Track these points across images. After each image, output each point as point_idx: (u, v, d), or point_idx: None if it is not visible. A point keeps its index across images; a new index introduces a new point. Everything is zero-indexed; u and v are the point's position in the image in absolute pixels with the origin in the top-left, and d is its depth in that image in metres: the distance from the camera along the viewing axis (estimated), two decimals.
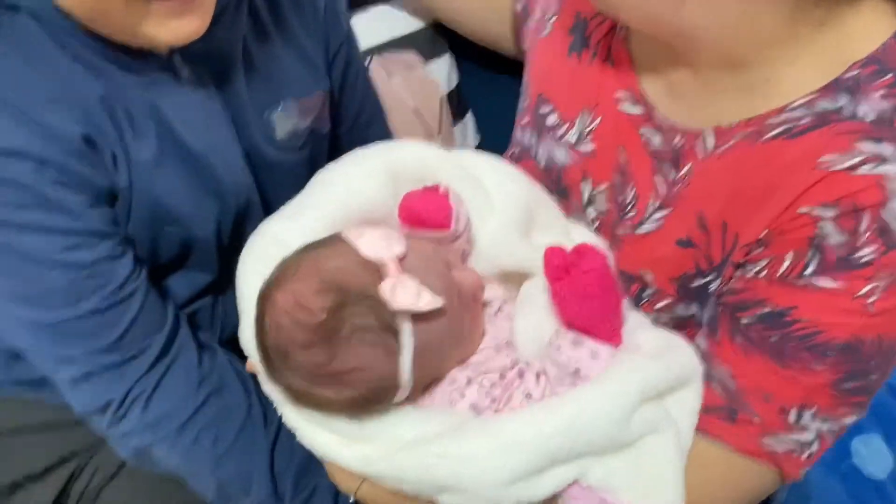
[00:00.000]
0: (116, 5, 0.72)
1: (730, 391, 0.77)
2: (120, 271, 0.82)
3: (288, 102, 0.93)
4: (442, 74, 1.33)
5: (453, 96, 1.35)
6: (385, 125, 1.14)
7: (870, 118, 0.71)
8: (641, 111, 0.87)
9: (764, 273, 0.76)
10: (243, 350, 0.77)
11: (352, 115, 1.06)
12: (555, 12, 0.99)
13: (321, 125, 0.99)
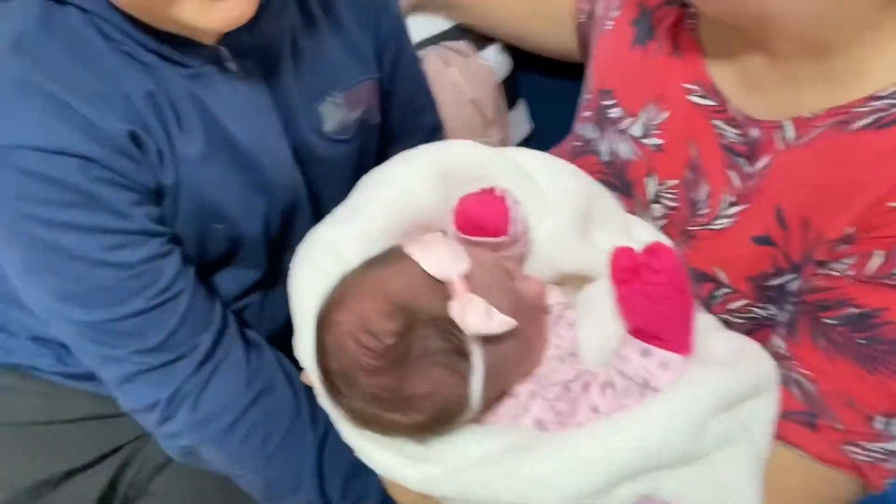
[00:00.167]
0: None
1: (810, 396, 0.74)
2: (167, 270, 0.80)
3: (337, 93, 0.90)
4: (495, 62, 1.31)
5: (507, 84, 1.33)
6: (436, 113, 1.11)
7: None
8: (713, 103, 0.83)
9: (850, 272, 0.72)
10: (297, 358, 0.75)
11: (403, 104, 1.03)
12: (618, 6, 0.96)
13: (371, 116, 0.96)
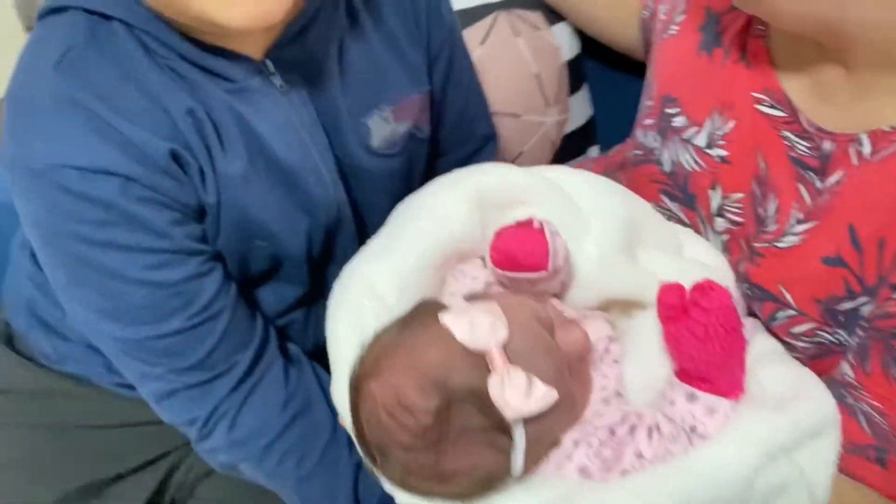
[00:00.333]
0: None
1: (879, 429, 0.70)
2: (207, 289, 0.80)
3: (385, 107, 0.88)
4: (564, 40, 1.25)
5: (572, 66, 1.27)
6: (489, 121, 1.08)
7: None
8: (783, 113, 0.79)
9: None
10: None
11: (455, 116, 1.00)
12: (682, 10, 0.92)
13: (420, 129, 0.94)
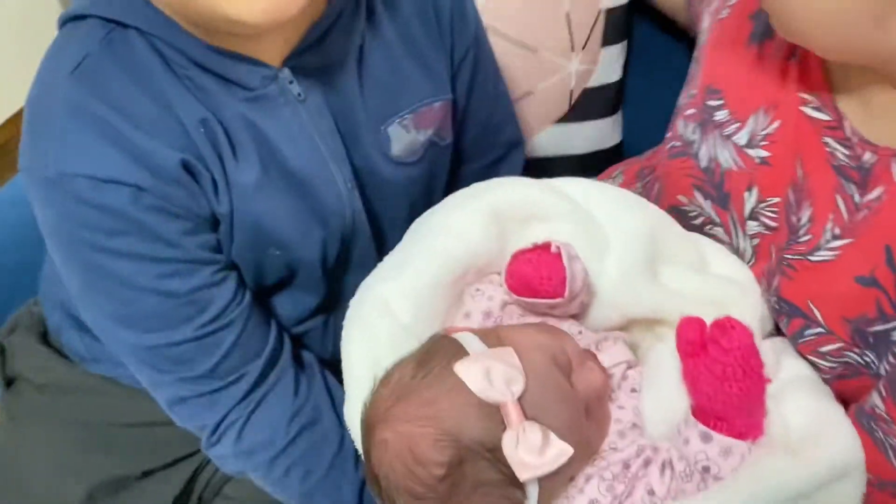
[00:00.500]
0: None
1: None
2: (218, 300, 0.80)
3: (406, 114, 0.86)
4: None
5: (613, 16, 1.17)
6: (516, 127, 1.05)
7: None
8: (828, 118, 0.75)
9: None
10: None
11: (480, 123, 0.98)
12: None
13: (442, 137, 0.92)
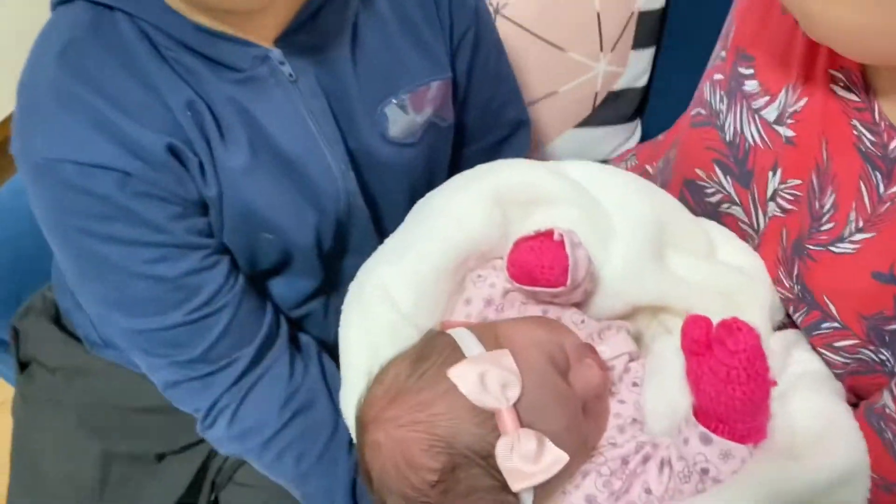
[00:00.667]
0: None
1: None
2: (209, 284, 0.79)
3: (402, 94, 0.84)
4: None
5: (647, 18, 1.14)
6: (521, 105, 1.02)
7: None
8: (857, 98, 0.70)
9: None
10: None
11: (482, 103, 0.96)
12: None
13: (443, 118, 0.90)
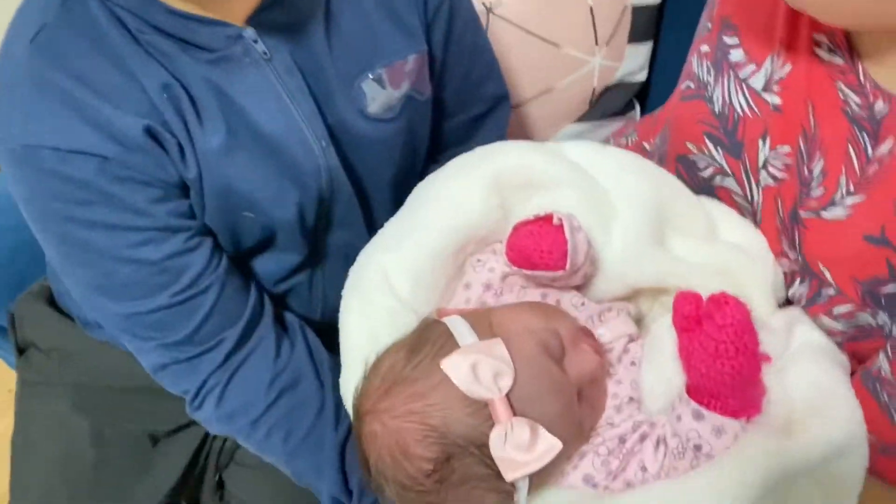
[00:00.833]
0: None
1: None
2: (192, 266, 0.79)
3: (378, 69, 0.84)
4: None
5: (641, 12, 1.14)
6: (500, 80, 1.02)
7: None
8: (842, 61, 0.70)
9: None
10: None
11: (460, 76, 0.95)
12: None
13: (420, 92, 0.89)
